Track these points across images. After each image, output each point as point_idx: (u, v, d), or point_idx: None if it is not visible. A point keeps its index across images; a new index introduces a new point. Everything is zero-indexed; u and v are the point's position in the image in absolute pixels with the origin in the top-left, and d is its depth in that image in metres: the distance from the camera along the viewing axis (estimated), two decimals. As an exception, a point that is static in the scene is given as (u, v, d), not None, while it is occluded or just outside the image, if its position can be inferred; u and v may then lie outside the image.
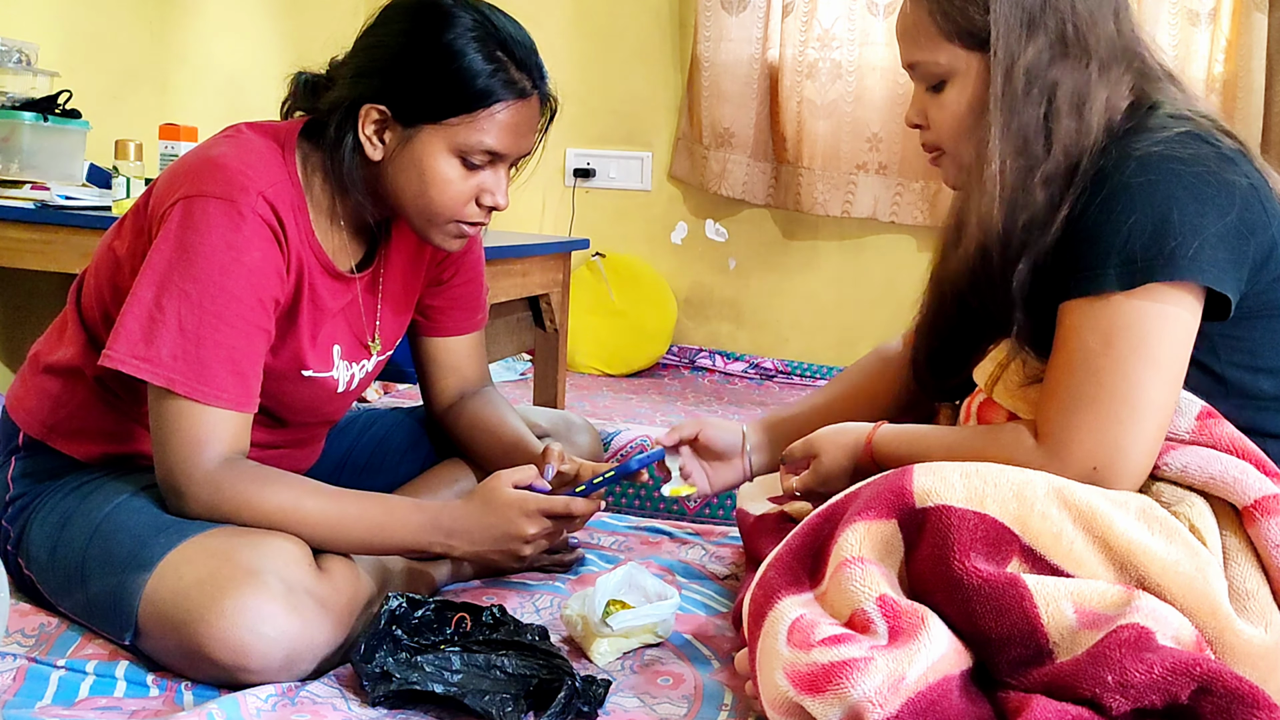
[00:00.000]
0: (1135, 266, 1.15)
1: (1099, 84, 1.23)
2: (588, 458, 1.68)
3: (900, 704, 0.98)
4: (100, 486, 1.34)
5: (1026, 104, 1.22)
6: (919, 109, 1.33)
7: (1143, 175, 1.16)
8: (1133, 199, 1.15)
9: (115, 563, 1.24)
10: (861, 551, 1.10)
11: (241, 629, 1.15)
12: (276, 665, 1.17)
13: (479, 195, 1.37)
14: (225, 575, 1.17)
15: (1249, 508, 1.12)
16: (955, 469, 1.12)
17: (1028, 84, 1.22)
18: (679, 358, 3.83)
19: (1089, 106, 1.22)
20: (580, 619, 1.33)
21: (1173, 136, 1.18)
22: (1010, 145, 1.22)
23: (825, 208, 3.62)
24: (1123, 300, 1.16)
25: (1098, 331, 1.17)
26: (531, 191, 3.95)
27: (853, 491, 1.17)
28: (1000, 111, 1.22)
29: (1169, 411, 1.17)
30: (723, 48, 3.65)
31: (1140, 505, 1.12)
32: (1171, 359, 1.17)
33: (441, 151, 1.33)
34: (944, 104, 1.29)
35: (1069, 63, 1.23)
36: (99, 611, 1.25)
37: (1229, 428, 1.18)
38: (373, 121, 1.33)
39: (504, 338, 2.41)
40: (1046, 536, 1.09)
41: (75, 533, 1.29)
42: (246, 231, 1.26)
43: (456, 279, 1.61)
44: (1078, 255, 1.18)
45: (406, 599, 1.26)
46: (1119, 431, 1.15)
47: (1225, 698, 0.96)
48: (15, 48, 2.42)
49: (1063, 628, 1.03)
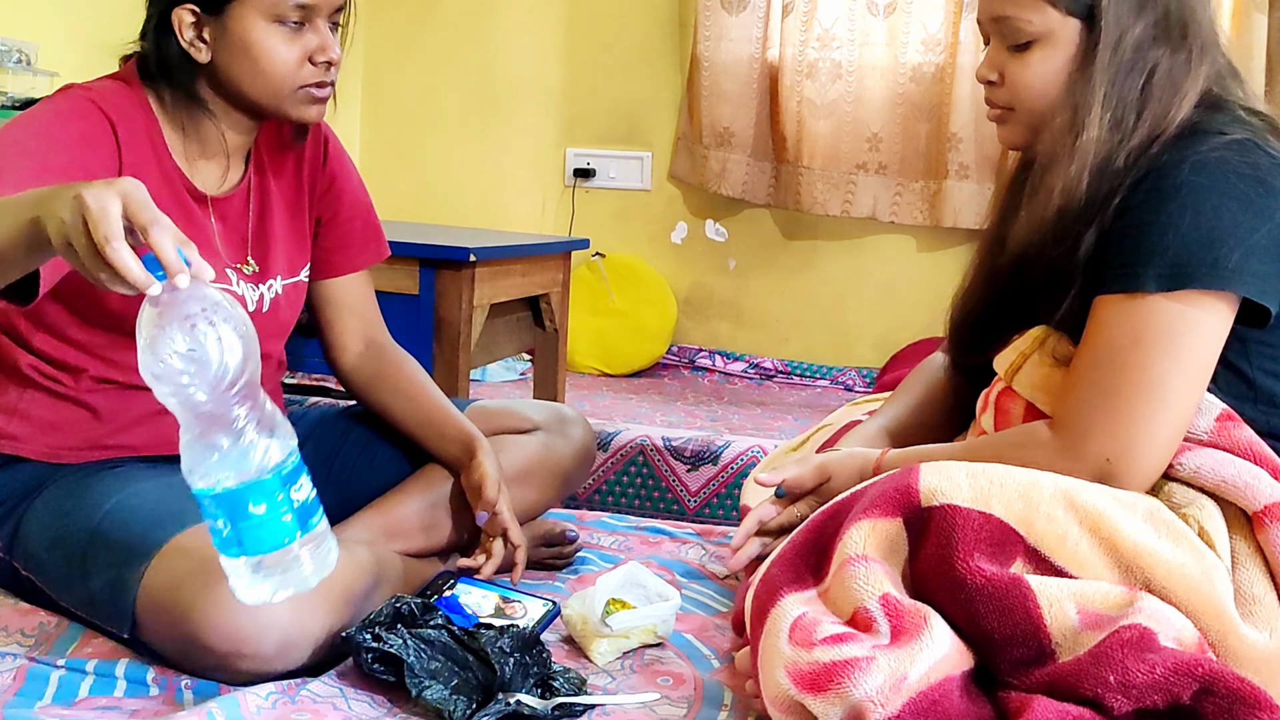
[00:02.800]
0: (1176, 270, 1.15)
1: (1190, 72, 1.24)
2: (580, 453, 1.66)
3: (902, 703, 0.98)
4: (99, 480, 1.34)
5: (1129, 78, 1.23)
6: (996, 66, 1.31)
7: (1195, 178, 1.17)
8: (1182, 201, 1.16)
9: (115, 556, 1.25)
10: (865, 550, 1.10)
11: (235, 615, 1.15)
12: (271, 652, 1.17)
13: (311, 56, 1.37)
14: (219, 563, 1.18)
15: (1259, 513, 1.12)
16: (962, 468, 1.12)
17: (1132, 59, 1.23)
18: (679, 358, 3.83)
19: (1179, 92, 1.23)
20: (580, 619, 1.33)
21: (1230, 142, 1.19)
22: (1109, 116, 1.22)
23: (825, 208, 3.62)
24: (1158, 301, 1.16)
25: (1128, 329, 1.17)
26: (531, 191, 3.95)
27: (859, 489, 1.17)
28: (1102, 82, 1.23)
29: (1189, 414, 1.17)
30: (723, 48, 3.64)
31: (1149, 507, 1.12)
32: (1198, 363, 1.17)
33: (256, 22, 1.34)
34: (1028, 64, 1.27)
35: (1169, 46, 1.24)
36: (99, 605, 1.26)
37: (1248, 432, 1.18)
38: (189, 25, 1.35)
39: (504, 338, 2.41)
40: (1051, 538, 1.08)
41: (77, 527, 1.30)
42: (77, 111, 1.31)
43: (340, 214, 1.60)
44: (1120, 250, 1.19)
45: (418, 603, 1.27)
46: (1137, 428, 1.15)
47: (1227, 698, 0.96)
48: (15, 48, 2.42)
49: (1065, 628, 1.03)
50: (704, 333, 3.88)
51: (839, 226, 3.70)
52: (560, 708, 1.15)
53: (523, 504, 1.58)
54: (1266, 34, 3.25)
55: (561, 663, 1.28)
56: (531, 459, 1.60)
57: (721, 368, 3.77)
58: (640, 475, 2.56)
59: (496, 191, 3.96)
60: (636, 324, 3.74)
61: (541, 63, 3.89)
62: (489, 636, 1.18)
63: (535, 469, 1.60)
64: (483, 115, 3.95)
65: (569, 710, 1.16)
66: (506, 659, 1.16)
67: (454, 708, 1.13)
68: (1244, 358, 1.22)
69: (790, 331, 3.80)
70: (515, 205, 3.95)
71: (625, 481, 2.55)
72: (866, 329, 3.67)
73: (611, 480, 2.56)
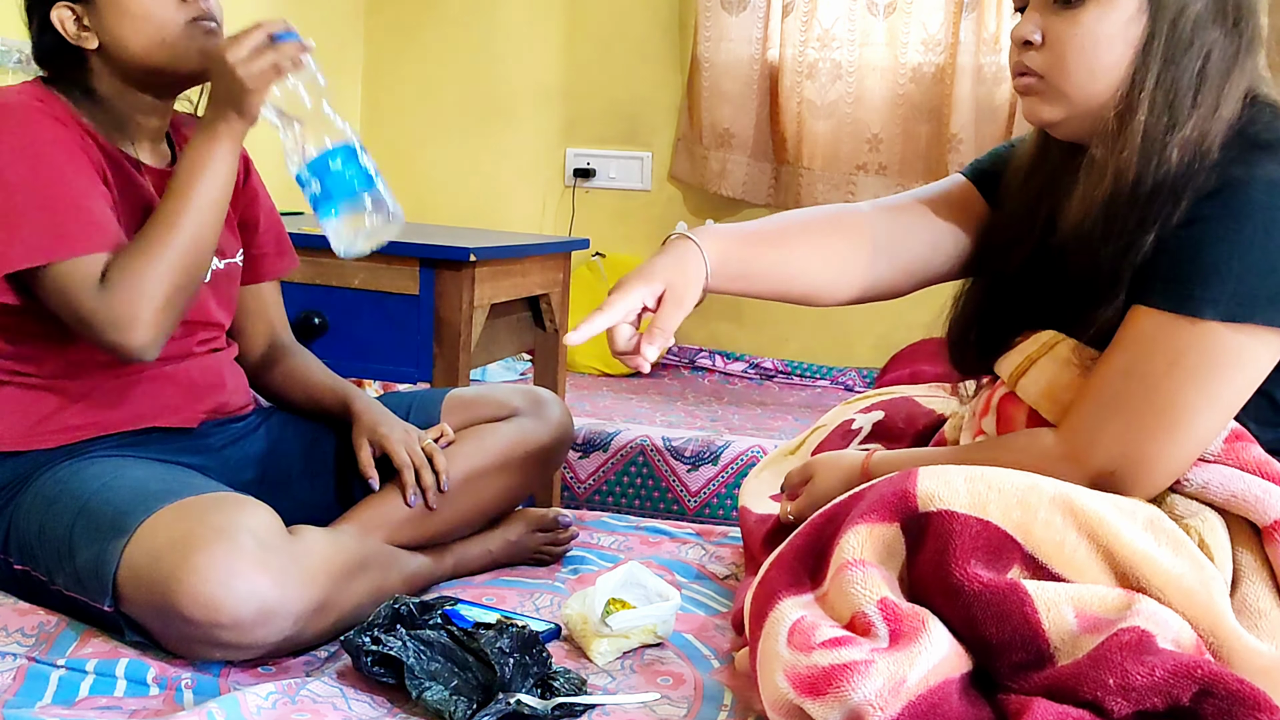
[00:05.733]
0: (1239, 301, 1.09)
1: (1242, 64, 1.17)
2: (557, 433, 1.68)
3: (901, 707, 0.98)
4: (86, 467, 1.36)
5: (1185, 58, 1.14)
6: (1037, 25, 1.18)
7: (1271, 200, 1.10)
8: (1258, 225, 1.09)
9: (98, 533, 1.27)
10: (863, 554, 1.09)
11: (212, 584, 1.17)
12: (249, 621, 1.19)
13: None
14: (198, 534, 1.21)
15: (1269, 528, 1.11)
16: (960, 472, 1.11)
17: (1190, 38, 1.14)
18: (679, 358, 3.83)
19: (1231, 83, 1.16)
20: (580, 618, 1.33)
21: None
22: (1163, 96, 1.14)
23: (825, 208, 3.62)
24: (1211, 329, 1.10)
25: (1169, 350, 1.12)
26: (531, 191, 3.95)
27: (856, 493, 1.16)
28: (1158, 58, 1.14)
29: (1207, 442, 1.14)
30: (723, 48, 3.64)
31: (1149, 516, 1.11)
32: (1232, 398, 1.13)
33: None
34: (1080, 22, 1.15)
35: (1225, 32, 1.16)
36: (85, 581, 1.28)
37: (1257, 450, 1.16)
38: (70, 21, 1.39)
39: (504, 338, 2.41)
40: (1049, 545, 1.08)
41: (62, 510, 1.33)
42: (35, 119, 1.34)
43: (260, 223, 1.65)
44: (1179, 264, 1.12)
45: (416, 604, 1.27)
46: (1149, 447, 1.13)
47: (1227, 700, 0.96)
48: (15, 48, 2.41)
49: (1063, 632, 1.03)
50: (704, 333, 3.87)
51: (839, 227, 3.69)
52: (560, 708, 1.15)
53: (504, 490, 1.61)
54: (1266, 34, 3.25)
55: (561, 663, 1.28)
56: (509, 444, 1.61)
57: (721, 368, 3.76)
58: (640, 475, 2.56)
59: (496, 191, 3.96)
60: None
61: (541, 63, 3.89)
62: (488, 637, 1.18)
63: (514, 454, 1.61)
64: (483, 115, 3.95)
65: (569, 710, 1.16)
66: (506, 659, 1.16)
67: (454, 708, 1.13)
68: (1275, 384, 1.16)
69: (790, 331, 3.80)
70: (515, 205, 3.95)
71: (625, 481, 2.55)
72: (866, 329, 3.66)
73: (611, 480, 2.57)
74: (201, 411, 1.52)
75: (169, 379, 1.48)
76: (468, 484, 1.56)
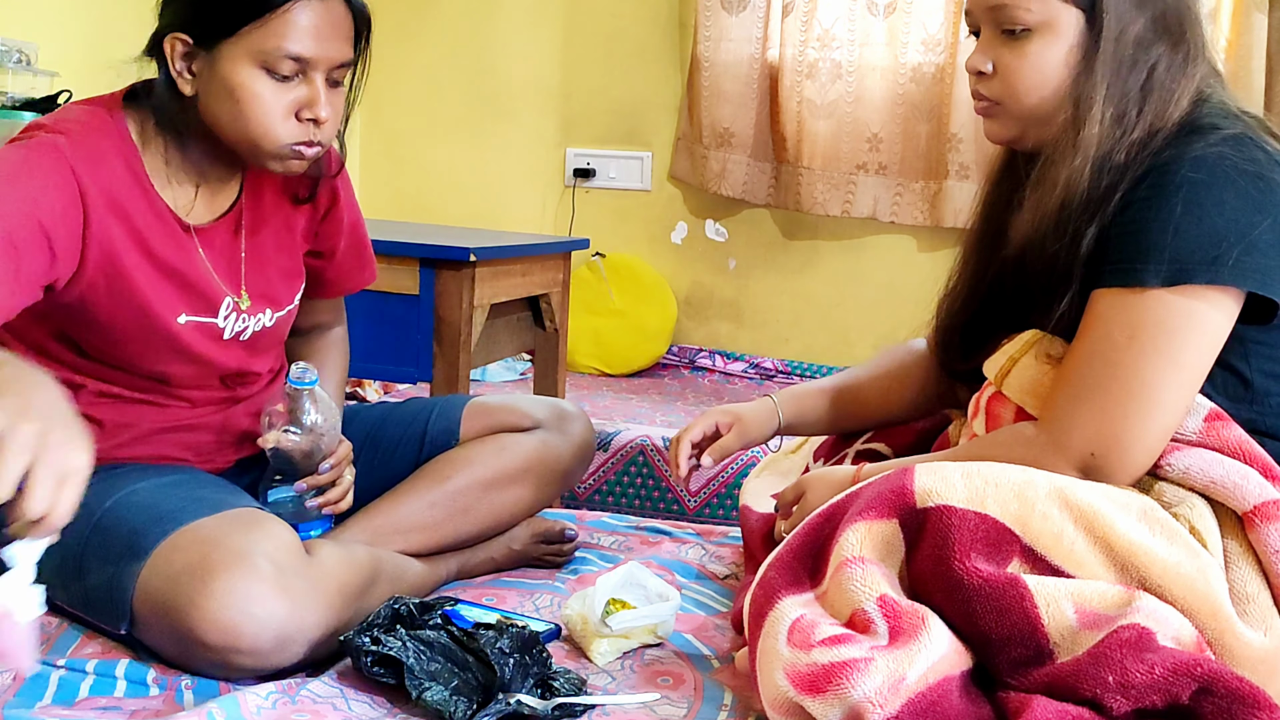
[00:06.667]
0: (1178, 265, 1.14)
1: (1186, 70, 1.23)
2: (580, 449, 1.66)
3: (900, 704, 0.98)
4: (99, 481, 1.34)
5: (1131, 73, 1.22)
6: (989, 55, 1.27)
7: (1195, 174, 1.16)
8: (1184, 198, 1.15)
9: (111, 554, 1.25)
10: (862, 551, 1.10)
11: (231, 610, 1.16)
12: (268, 647, 1.18)
13: (297, 110, 1.31)
14: (215, 559, 1.19)
15: (1249, 513, 1.12)
16: (956, 468, 1.12)
17: (1134, 55, 1.22)
18: (679, 358, 3.83)
19: (1177, 89, 1.22)
20: (580, 619, 1.33)
21: (1227, 137, 1.18)
22: (1110, 111, 1.21)
23: (825, 208, 3.62)
24: (1158, 296, 1.15)
25: (1125, 324, 1.16)
26: (531, 191, 3.95)
27: (854, 491, 1.17)
28: (1104, 77, 1.21)
29: (1180, 413, 1.17)
30: (723, 48, 3.64)
31: (1142, 506, 1.12)
32: (1193, 362, 1.16)
33: (245, 66, 1.27)
34: (1026, 54, 1.24)
35: (1166, 44, 1.23)
36: (96, 603, 1.26)
37: (1237, 431, 1.18)
38: (180, 55, 1.30)
39: (504, 338, 2.41)
40: (1047, 537, 1.09)
41: (74, 527, 1.29)
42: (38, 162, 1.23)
43: (338, 250, 1.58)
44: (1121, 245, 1.18)
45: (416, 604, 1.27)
46: (1123, 424, 1.15)
47: (1226, 698, 0.96)
48: (15, 48, 2.41)
49: (1063, 628, 1.03)
50: (704, 333, 3.87)
51: (839, 227, 3.70)
52: (560, 708, 1.15)
53: (520, 502, 1.59)
54: (1266, 34, 3.25)
55: (561, 663, 1.28)
56: (530, 457, 1.60)
57: (721, 368, 3.76)
58: (640, 475, 2.56)
59: (496, 191, 3.96)
60: (636, 324, 3.74)
61: (541, 63, 3.89)
62: (488, 637, 1.18)
63: (533, 468, 1.60)
64: (483, 115, 3.95)
65: (569, 710, 1.16)
66: (506, 659, 1.16)
67: (454, 709, 1.13)
68: (1244, 359, 1.21)
69: (790, 331, 3.80)
70: (515, 205, 3.95)
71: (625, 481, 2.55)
72: (866, 329, 3.66)
73: (611, 480, 2.57)
74: (233, 457, 1.51)
75: (205, 426, 1.46)
76: (484, 494, 1.55)
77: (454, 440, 1.61)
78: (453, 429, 1.62)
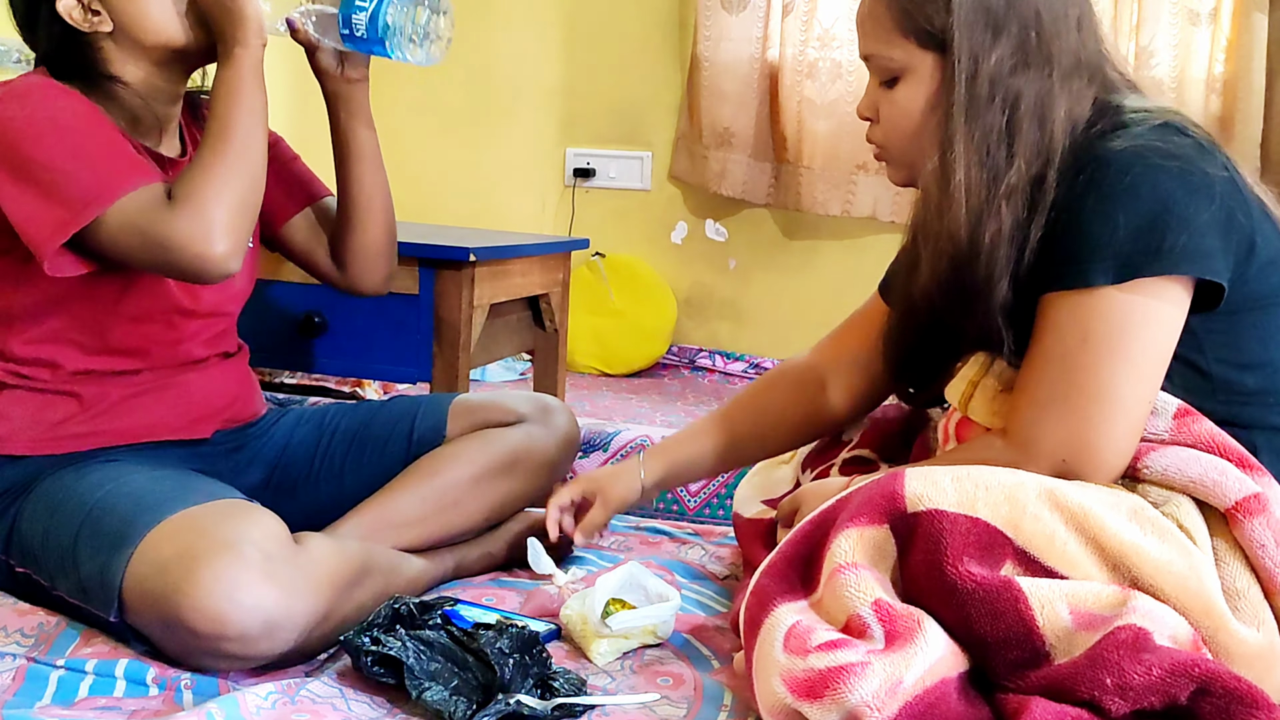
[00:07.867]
0: (1124, 260, 1.13)
1: (1060, 94, 1.20)
2: (564, 441, 1.68)
3: (898, 708, 0.98)
4: (90, 473, 1.36)
5: (989, 112, 1.19)
6: (871, 102, 1.30)
7: (1130, 170, 1.15)
8: (1124, 194, 1.14)
9: (102, 542, 1.27)
10: (855, 557, 1.09)
11: (219, 598, 1.17)
12: (255, 634, 1.18)
13: None
14: (203, 547, 1.20)
15: (1231, 509, 1.12)
16: (946, 473, 1.12)
17: (990, 92, 1.19)
18: (679, 358, 3.83)
19: (1051, 117, 1.19)
20: (580, 619, 1.33)
21: (1150, 129, 1.17)
22: (974, 155, 1.19)
23: (825, 208, 3.62)
24: (1107, 294, 1.14)
25: (1077, 326, 1.15)
26: (531, 191, 3.95)
27: (844, 497, 1.17)
28: (963, 119, 1.19)
29: (1144, 410, 1.16)
30: (723, 47, 3.64)
31: (1132, 505, 1.12)
32: (1151, 357, 1.15)
33: None
34: (895, 100, 1.26)
35: (1031, 72, 1.20)
36: (89, 591, 1.27)
37: (1207, 424, 1.17)
38: (77, 8, 1.37)
39: (504, 338, 2.41)
40: (1039, 539, 1.08)
41: (66, 517, 1.32)
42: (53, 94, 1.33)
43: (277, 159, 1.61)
44: (1065, 250, 1.17)
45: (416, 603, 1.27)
46: (1088, 429, 1.15)
47: (1224, 698, 0.97)
48: (15, 48, 2.42)
49: (1059, 629, 1.03)
50: (704, 333, 3.88)
51: (839, 226, 3.70)
52: (560, 708, 1.15)
53: (509, 494, 1.61)
54: (1266, 34, 3.25)
55: (561, 663, 1.28)
56: (516, 450, 1.61)
57: (721, 368, 3.77)
58: (640, 475, 2.55)
59: (496, 191, 3.96)
60: (636, 324, 3.74)
61: (541, 63, 3.89)
62: (488, 637, 1.19)
63: (520, 460, 1.61)
64: (482, 115, 3.95)
65: (569, 710, 1.16)
66: (506, 659, 1.17)
67: (454, 709, 1.13)
68: (1198, 351, 1.19)
69: (790, 331, 3.80)
70: (515, 205, 3.95)
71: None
72: (866, 329, 3.66)
73: (611, 480, 2.56)
74: (214, 423, 1.53)
75: (182, 391, 1.48)
76: (474, 488, 1.57)
77: (441, 438, 1.63)
78: (440, 426, 1.63)
